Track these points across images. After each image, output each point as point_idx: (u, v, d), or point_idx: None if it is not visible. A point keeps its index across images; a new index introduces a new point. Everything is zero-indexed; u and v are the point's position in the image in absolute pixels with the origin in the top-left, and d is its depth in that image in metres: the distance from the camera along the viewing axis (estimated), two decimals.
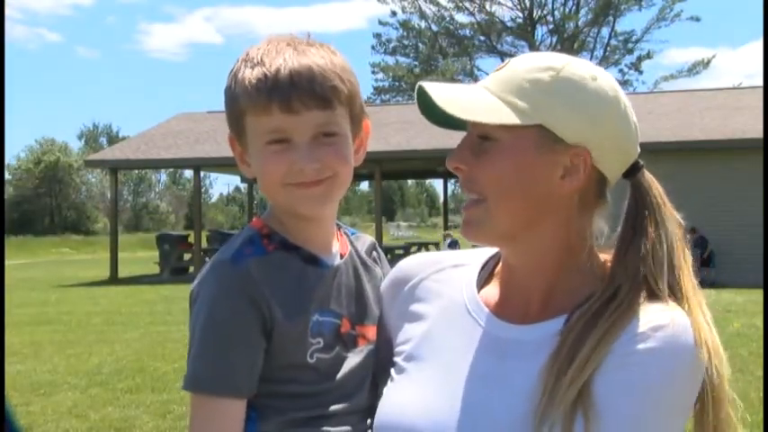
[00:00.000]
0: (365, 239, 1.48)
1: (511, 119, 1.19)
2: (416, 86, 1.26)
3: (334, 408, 1.30)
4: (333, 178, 1.30)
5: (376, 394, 1.34)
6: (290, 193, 1.29)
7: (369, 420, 1.32)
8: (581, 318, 1.19)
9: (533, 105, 1.20)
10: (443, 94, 1.24)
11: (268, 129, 1.27)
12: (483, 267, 1.38)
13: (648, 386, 1.12)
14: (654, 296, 1.19)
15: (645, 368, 1.12)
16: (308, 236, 1.35)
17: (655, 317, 1.15)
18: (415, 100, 1.28)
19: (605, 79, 1.24)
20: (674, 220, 1.25)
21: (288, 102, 1.24)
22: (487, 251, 1.40)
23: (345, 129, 1.31)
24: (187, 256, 25.32)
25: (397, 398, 1.27)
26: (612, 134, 1.23)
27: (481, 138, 1.23)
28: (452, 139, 1.22)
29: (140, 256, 37.95)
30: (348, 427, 1.31)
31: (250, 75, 1.26)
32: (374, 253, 1.48)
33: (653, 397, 1.11)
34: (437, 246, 29.55)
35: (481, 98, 1.23)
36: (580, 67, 1.24)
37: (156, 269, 25.34)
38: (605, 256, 1.27)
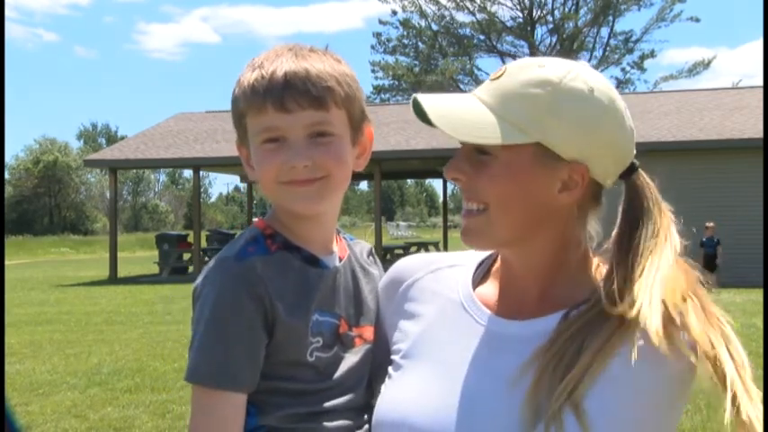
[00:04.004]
0: (363, 245, 1.51)
1: (510, 138, 1.17)
2: (411, 99, 1.24)
3: (331, 404, 1.32)
4: (326, 179, 1.31)
5: (372, 392, 1.36)
6: (284, 191, 1.31)
7: (365, 416, 1.35)
8: (576, 320, 1.19)
9: (531, 123, 1.18)
10: (439, 109, 1.22)
11: (263, 127, 1.30)
12: (479, 267, 1.39)
13: (643, 413, 1.13)
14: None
15: (640, 394, 1.13)
16: (309, 236, 1.36)
17: (653, 336, 1.11)
18: (411, 109, 1.26)
19: (602, 89, 1.22)
20: (668, 220, 1.23)
21: (281, 100, 1.27)
22: (483, 252, 1.40)
23: (342, 131, 1.32)
24: (186, 256, 25.32)
25: (395, 394, 1.28)
26: (609, 144, 1.21)
27: (478, 150, 1.22)
28: (452, 139, 1.22)
29: (140, 256, 38.03)
30: (346, 422, 1.33)
31: (249, 77, 1.30)
32: (370, 258, 1.50)
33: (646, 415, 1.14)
34: (436, 245, 29.56)
35: (478, 113, 1.21)
36: (577, 80, 1.20)
37: (155, 269, 25.36)
38: (599, 258, 1.28)
